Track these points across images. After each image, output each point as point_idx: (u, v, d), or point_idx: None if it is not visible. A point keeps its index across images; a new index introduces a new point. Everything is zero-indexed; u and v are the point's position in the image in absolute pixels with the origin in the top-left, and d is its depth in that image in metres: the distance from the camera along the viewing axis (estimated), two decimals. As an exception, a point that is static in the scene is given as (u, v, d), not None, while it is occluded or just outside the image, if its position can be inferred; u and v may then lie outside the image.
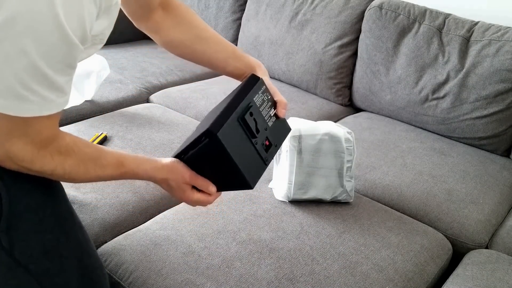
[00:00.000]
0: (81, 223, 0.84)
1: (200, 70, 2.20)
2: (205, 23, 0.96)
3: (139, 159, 0.80)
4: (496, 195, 1.37)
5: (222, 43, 0.96)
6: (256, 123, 0.78)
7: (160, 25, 0.94)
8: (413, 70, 1.69)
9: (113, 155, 0.77)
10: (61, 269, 0.77)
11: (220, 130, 0.72)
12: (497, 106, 1.55)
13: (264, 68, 0.96)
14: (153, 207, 1.22)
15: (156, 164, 0.80)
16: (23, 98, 0.59)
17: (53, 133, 0.67)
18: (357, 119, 1.79)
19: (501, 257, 1.12)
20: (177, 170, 0.80)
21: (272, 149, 0.81)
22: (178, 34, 0.94)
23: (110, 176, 0.77)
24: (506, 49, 1.53)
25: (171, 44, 0.96)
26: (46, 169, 0.69)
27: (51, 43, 0.56)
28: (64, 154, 0.70)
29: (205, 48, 0.95)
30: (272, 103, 0.83)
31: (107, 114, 1.61)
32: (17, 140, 0.64)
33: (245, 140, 0.76)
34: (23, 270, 0.73)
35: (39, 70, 0.57)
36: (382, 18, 1.75)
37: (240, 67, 0.95)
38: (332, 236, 1.09)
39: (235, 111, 0.75)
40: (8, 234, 0.71)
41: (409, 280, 1.03)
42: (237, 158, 0.74)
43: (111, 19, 0.70)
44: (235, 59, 0.95)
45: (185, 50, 0.96)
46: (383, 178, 1.39)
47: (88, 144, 0.75)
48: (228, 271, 0.97)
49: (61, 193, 0.81)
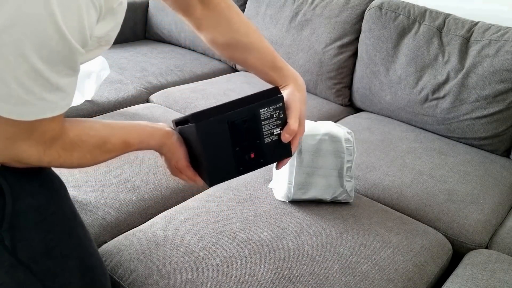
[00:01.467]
0: (83, 222, 0.84)
1: (200, 70, 2.20)
2: (247, 26, 0.90)
3: (142, 133, 0.81)
4: (496, 195, 1.37)
5: (261, 51, 0.90)
6: (247, 133, 0.77)
7: (200, 22, 0.89)
8: (413, 70, 1.69)
9: (118, 136, 0.77)
10: (63, 269, 0.77)
11: (202, 122, 0.74)
12: (497, 106, 1.55)
13: (301, 82, 0.89)
14: (153, 207, 1.22)
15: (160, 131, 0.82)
16: (25, 102, 0.58)
17: (57, 133, 0.68)
18: (357, 119, 1.79)
19: (501, 257, 1.12)
20: (175, 147, 0.82)
21: (255, 163, 0.79)
22: (216, 35, 0.90)
23: (115, 157, 0.79)
24: (506, 49, 1.53)
25: (211, 43, 0.92)
26: (54, 164, 0.71)
27: (51, 47, 0.56)
28: (69, 150, 0.71)
29: (243, 55, 0.90)
30: (281, 122, 0.80)
31: (107, 114, 1.62)
32: (22, 143, 0.65)
33: (227, 141, 0.76)
34: (25, 270, 0.73)
35: (40, 74, 0.57)
36: (382, 18, 1.75)
37: (276, 79, 0.89)
38: (332, 236, 1.09)
39: (231, 113, 0.75)
40: (11, 233, 0.71)
41: (409, 280, 1.03)
42: (208, 152, 0.76)
43: (117, 20, 0.70)
44: (273, 69, 0.89)
45: (224, 52, 0.92)
46: (383, 178, 1.39)
47: (92, 132, 0.74)
48: (228, 271, 0.96)
49: (64, 192, 0.81)
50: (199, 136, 0.75)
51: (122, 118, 1.57)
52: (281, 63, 0.90)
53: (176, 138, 0.83)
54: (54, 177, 0.80)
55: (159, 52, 2.32)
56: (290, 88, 0.86)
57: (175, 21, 2.40)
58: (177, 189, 1.29)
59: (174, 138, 0.82)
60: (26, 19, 0.53)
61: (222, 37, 0.89)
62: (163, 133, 0.82)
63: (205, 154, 0.75)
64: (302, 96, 0.85)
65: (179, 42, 2.45)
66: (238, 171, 0.78)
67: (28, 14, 0.53)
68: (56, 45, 0.56)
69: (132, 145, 0.79)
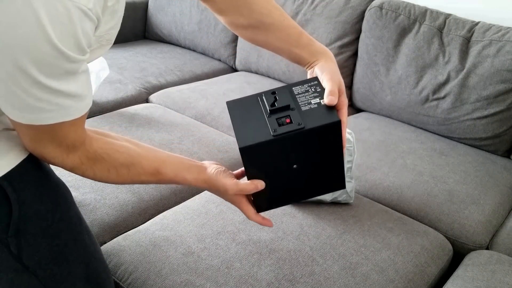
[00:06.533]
0: (88, 227, 0.84)
1: (199, 70, 2.20)
2: (270, 6, 0.86)
3: (179, 167, 0.78)
4: (496, 196, 1.37)
5: (285, 30, 0.87)
6: (276, 101, 0.75)
7: (220, 6, 0.87)
8: (413, 71, 1.69)
9: (150, 161, 0.76)
10: (69, 274, 0.77)
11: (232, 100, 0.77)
12: (498, 107, 1.55)
13: (331, 55, 0.87)
14: (152, 207, 1.21)
15: (198, 175, 0.78)
16: (40, 109, 0.59)
17: (79, 138, 0.68)
18: (357, 119, 1.79)
19: (501, 258, 1.11)
20: (216, 183, 0.78)
21: (292, 126, 0.71)
22: (237, 19, 0.87)
23: (146, 181, 0.77)
24: (507, 50, 1.53)
25: (233, 27, 0.89)
26: (76, 170, 0.71)
27: (50, 62, 0.56)
28: (93, 160, 0.71)
29: (266, 37, 0.87)
30: (319, 94, 0.75)
31: (107, 114, 1.61)
32: (48, 144, 0.66)
33: (257, 111, 0.75)
34: (31, 275, 0.73)
35: (46, 85, 0.57)
36: (382, 18, 1.74)
37: (304, 56, 0.86)
38: (332, 237, 1.09)
39: (262, 92, 0.77)
40: (17, 239, 0.71)
41: (410, 281, 1.02)
42: (236, 122, 0.74)
43: (117, 18, 0.69)
44: (299, 47, 0.86)
45: (247, 36, 0.89)
46: (383, 178, 1.39)
47: (121, 151, 0.74)
48: (227, 272, 0.96)
49: (70, 197, 0.81)
50: (229, 110, 0.75)
51: (122, 118, 1.57)
52: (307, 39, 0.87)
53: (217, 172, 0.78)
54: (60, 182, 0.80)
55: (158, 52, 2.31)
56: (321, 62, 0.84)
57: (174, 21, 2.40)
58: (177, 189, 1.28)
59: (215, 173, 0.78)
60: (20, 40, 0.53)
61: (244, 20, 0.86)
62: (204, 177, 0.78)
63: (233, 123, 0.74)
64: (336, 68, 0.83)
65: (179, 42, 2.45)
66: (271, 133, 0.71)
67: (22, 35, 0.53)
68: (54, 60, 0.56)
69: (165, 175, 0.77)
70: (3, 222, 0.69)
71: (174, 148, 1.43)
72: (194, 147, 1.45)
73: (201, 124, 1.65)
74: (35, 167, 0.74)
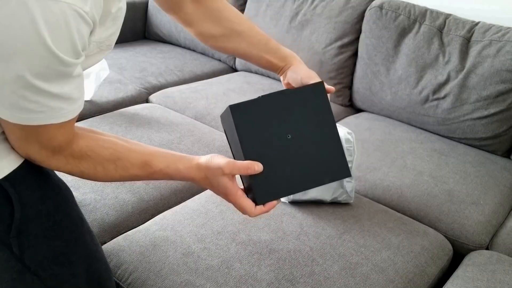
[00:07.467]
0: (90, 227, 0.84)
1: (199, 70, 2.20)
2: (239, 16, 0.91)
3: (170, 158, 0.75)
4: (496, 196, 1.37)
5: (255, 36, 0.90)
6: None
7: (191, 17, 0.90)
8: (413, 71, 1.69)
9: (138, 154, 0.73)
10: (70, 275, 0.77)
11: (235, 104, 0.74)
12: (498, 107, 1.55)
13: (298, 57, 0.91)
14: (152, 207, 1.21)
15: (190, 163, 0.75)
16: (29, 110, 0.59)
17: (66, 140, 0.67)
18: (357, 119, 1.79)
19: (501, 258, 1.11)
20: (210, 166, 0.73)
21: None
22: (208, 28, 0.90)
23: (136, 176, 0.74)
24: (507, 50, 1.53)
25: (202, 37, 0.92)
26: (63, 170, 0.71)
27: (44, 65, 0.55)
28: (78, 158, 0.70)
29: (236, 44, 0.90)
30: None
31: (107, 114, 1.61)
32: (33, 145, 0.66)
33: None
34: (33, 276, 0.73)
35: (38, 88, 0.57)
36: (382, 18, 1.74)
37: (274, 61, 0.90)
38: (332, 237, 1.09)
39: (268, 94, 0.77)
40: (19, 240, 0.71)
41: (410, 281, 1.02)
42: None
43: (117, 25, 0.70)
44: (269, 52, 0.90)
45: (217, 44, 0.92)
46: (383, 178, 1.39)
47: (106, 146, 0.72)
48: (227, 272, 0.96)
49: (71, 198, 0.81)
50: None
51: (122, 118, 1.57)
52: (275, 44, 0.91)
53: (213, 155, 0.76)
54: (61, 183, 0.80)
55: (158, 52, 2.31)
56: (292, 65, 0.88)
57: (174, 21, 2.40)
58: (177, 189, 1.28)
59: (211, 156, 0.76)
60: (14, 42, 0.52)
61: (214, 29, 0.90)
62: (200, 161, 0.75)
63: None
64: (307, 68, 0.87)
65: (179, 42, 2.45)
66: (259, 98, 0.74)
67: (16, 37, 0.52)
68: (48, 63, 0.55)
69: (155, 167, 0.74)
70: (5, 223, 0.69)
71: (174, 148, 1.43)
72: (194, 147, 1.45)
73: (201, 124, 1.65)
74: (37, 168, 0.74)
